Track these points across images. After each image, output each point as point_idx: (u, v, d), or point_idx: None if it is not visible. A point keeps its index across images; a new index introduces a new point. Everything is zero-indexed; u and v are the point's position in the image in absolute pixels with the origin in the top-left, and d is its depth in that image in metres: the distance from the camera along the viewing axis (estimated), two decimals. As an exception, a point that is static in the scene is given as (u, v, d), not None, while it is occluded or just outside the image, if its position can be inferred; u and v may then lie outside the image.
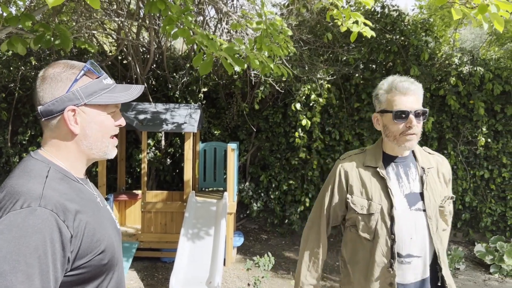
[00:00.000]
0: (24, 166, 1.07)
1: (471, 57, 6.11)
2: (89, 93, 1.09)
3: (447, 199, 1.74)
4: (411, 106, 1.63)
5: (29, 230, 0.93)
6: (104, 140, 1.15)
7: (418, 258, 1.66)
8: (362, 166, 1.77)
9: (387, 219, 1.66)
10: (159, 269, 5.01)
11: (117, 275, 1.16)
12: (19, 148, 6.62)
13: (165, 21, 2.68)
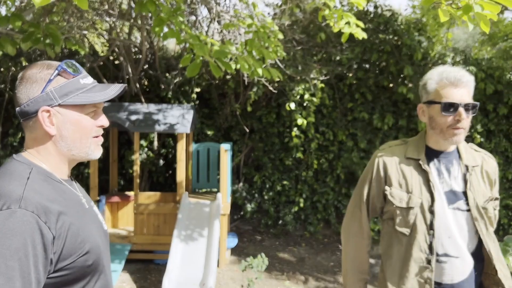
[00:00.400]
0: (6, 168, 1.06)
1: (463, 56, 6.14)
2: (64, 93, 1.07)
3: (490, 200, 1.64)
4: (461, 99, 1.55)
5: (8, 232, 0.91)
6: (84, 141, 1.12)
7: (455, 259, 1.59)
8: (403, 157, 1.69)
9: (427, 214, 1.60)
10: (152, 271, 4.97)
11: (103, 277, 1.14)
12: (9, 150, 6.55)
13: (155, 22, 2.65)
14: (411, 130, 6.26)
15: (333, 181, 6.36)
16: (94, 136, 1.14)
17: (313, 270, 5.17)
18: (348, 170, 6.25)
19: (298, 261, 5.45)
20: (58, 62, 1.11)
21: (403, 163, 1.68)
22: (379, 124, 6.14)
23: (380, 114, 6.20)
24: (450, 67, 1.62)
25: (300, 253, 5.74)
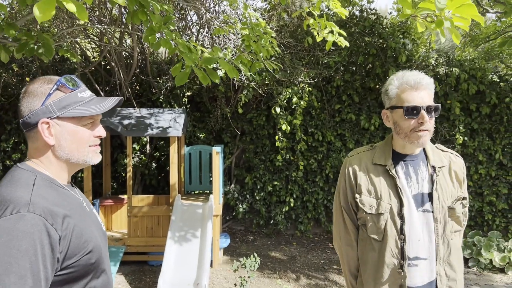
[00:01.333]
0: (12, 176, 1.15)
1: (447, 58, 6.31)
2: (62, 106, 1.17)
3: (458, 199, 1.65)
4: (423, 101, 1.56)
5: (19, 234, 1.00)
6: (81, 150, 1.21)
7: (425, 261, 1.61)
8: (371, 164, 1.70)
9: (397, 219, 1.61)
10: (147, 272, 5.06)
11: (105, 273, 1.25)
12: (2, 155, 6.59)
13: (147, 31, 2.75)
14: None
15: (322, 180, 6.50)
16: (91, 145, 1.24)
17: (304, 268, 5.30)
18: (337, 170, 6.39)
19: (289, 259, 5.58)
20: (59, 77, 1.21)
21: (371, 170, 1.69)
22: (366, 125, 6.30)
23: (367, 115, 6.36)
24: (409, 72, 1.64)
25: (291, 252, 5.88)
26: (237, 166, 6.83)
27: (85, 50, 6.87)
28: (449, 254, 1.64)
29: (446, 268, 1.62)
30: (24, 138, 6.66)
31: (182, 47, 2.39)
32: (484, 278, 5.06)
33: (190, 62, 2.29)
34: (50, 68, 6.41)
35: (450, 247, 1.64)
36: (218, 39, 4.99)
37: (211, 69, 2.41)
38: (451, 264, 1.64)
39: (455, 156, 1.74)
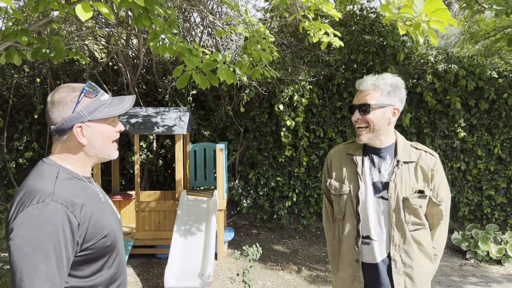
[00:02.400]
0: (38, 170, 1.34)
1: (445, 55, 6.43)
2: (91, 110, 1.36)
3: (415, 192, 1.76)
4: (359, 101, 1.78)
5: (45, 220, 1.19)
6: (108, 146, 1.42)
7: (375, 242, 1.77)
8: (345, 154, 1.91)
9: (353, 200, 1.80)
10: (154, 264, 5.27)
11: (119, 256, 1.44)
12: (15, 153, 6.83)
13: (151, 35, 2.93)
14: (397, 127, 6.56)
15: (325, 176, 6.66)
16: (114, 141, 1.44)
17: (306, 260, 5.48)
18: (338, 166, 6.54)
19: (292, 252, 5.76)
20: (81, 84, 1.39)
21: (343, 159, 1.91)
22: (366, 121, 6.44)
23: (367, 112, 6.50)
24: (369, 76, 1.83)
25: (294, 245, 6.06)
26: (241, 162, 7.01)
27: (93, 51, 7.08)
28: (405, 242, 1.76)
29: (402, 255, 1.75)
30: (36, 137, 6.91)
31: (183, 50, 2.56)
32: (481, 270, 5.20)
33: (191, 66, 2.46)
34: (60, 69, 6.63)
35: (408, 237, 1.76)
36: (220, 40, 5.17)
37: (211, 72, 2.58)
38: (407, 252, 1.76)
39: (427, 154, 1.84)
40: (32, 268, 1.15)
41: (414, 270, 1.76)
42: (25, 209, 1.19)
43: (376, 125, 1.76)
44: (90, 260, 1.32)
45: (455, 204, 6.59)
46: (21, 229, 1.17)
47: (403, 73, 6.19)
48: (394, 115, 1.80)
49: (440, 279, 4.87)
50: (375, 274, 1.78)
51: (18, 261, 1.16)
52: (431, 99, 6.19)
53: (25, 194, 1.24)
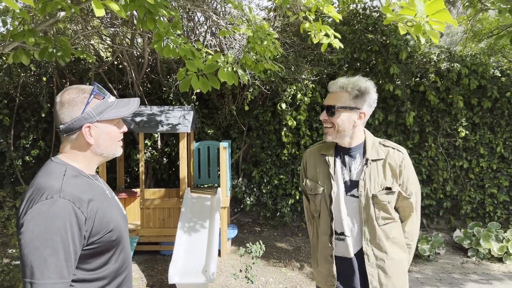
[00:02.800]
0: (46, 168, 1.40)
1: (448, 54, 6.45)
2: (99, 111, 1.42)
3: (383, 189, 1.83)
4: (327, 103, 1.87)
5: (53, 215, 1.25)
6: (113, 145, 1.49)
7: (348, 238, 1.87)
8: (318, 154, 2.00)
9: (327, 199, 1.90)
10: (159, 261, 5.35)
11: (124, 250, 1.51)
12: (21, 151, 6.93)
13: (155, 36, 2.99)
14: (400, 125, 6.61)
15: (327, 174, 6.71)
16: (119, 140, 1.51)
17: (308, 257, 5.54)
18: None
19: (294, 249, 5.83)
20: (89, 86, 1.46)
21: (317, 159, 2.00)
22: (369, 120, 6.48)
23: (370, 110, 6.54)
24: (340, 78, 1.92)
25: (297, 242, 6.12)
26: (245, 160, 7.08)
27: (99, 50, 7.16)
28: (376, 237, 1.85)
29: (374, 249, 1.85)
30: (42, 135, 7.00)
31: (187, 53, 2.62)
32: (482, 267, 5.24)
33: (193, 69, 2.52)
34: (66, 68, 6.72)
35: (378, 231, 1.85)
36: (224, 39, 5.22)
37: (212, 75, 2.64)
38: (379, 246, 1.85)
39: (395, 150, 1.91)
40: (42, 261, 1.22)
41: (386, 263, 1.85)
42: (35, 205, 1.26)
43: (340, 127, 1.84)
44: (96, 253, 1.38)
45: (458, 202, 6.62)
46: (31, 224, 1.24)
47: (405, 71, 6.22)
48: (360, 118, 1.86)
49: (442, 276, 4.92)
50: (350, 268, 1.88)
51: (29, 254, 1.22)
52: (434, 98, 6.22)
53: (34, 191, 1.30)
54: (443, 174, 6.53)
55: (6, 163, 6.90)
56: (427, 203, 6.60)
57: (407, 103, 6.24)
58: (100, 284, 1.40)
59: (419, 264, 5.32)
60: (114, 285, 1.45)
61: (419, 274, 4.98)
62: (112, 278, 1.44)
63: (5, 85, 6.78)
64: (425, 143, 6.59)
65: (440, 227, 6.79)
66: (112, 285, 1.44)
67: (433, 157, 6.61)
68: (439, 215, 6.70)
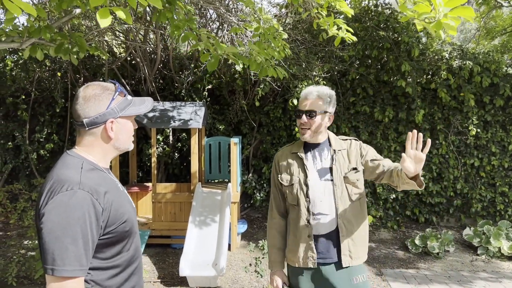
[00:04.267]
0: (64, 161, 1.46)
1: (460, 51, 6.41)
2: (122, 108, 1.50)
3: (350, 170, 2.21)
4: (305, 108, 2.19)
5: (73, 206, 1.32)
6: (129, 140, 1.57)
7: (326, 216, 2.16)
8: (290, 153, 2.32)
9: (303, 187, 2.21)
10: (170, 254, 5.44)
11: (135, 241, 1.58)
12: (36, 145, 7.07)
13: (172, 27, 3.04)
14: (410, 122, 6.60)
15: (337, 171, 6.73)
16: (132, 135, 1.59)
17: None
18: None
19: (303, 245, 5.86)
20: (109, 83, 1.52)
21: (289, 157, 2.31)
22: (380, 117, 6.49)
23: (381, 108, 6.55)
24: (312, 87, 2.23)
25: (306, 238, 6.15)
26: (255, 156, 7.13)
27: (112, 46, 7.25)
28: (347, 212, 2.18)
29: (345, 222, 2.17)
30: (56, 130, 7.14)
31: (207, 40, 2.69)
32: (492, 266, 5.23)
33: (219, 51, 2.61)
34: (80, 64, 6.82)
35: (349, 206, 2.19)
36: (236, 36, 5.27)
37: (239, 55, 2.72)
38: (349, 220, 2.18)
39: (351, 141, 2.31)
40: (63, 249, 1.29)
41: (354, 234, 2.19)
42: (55, 196, 1.32)
43: (317, 128, 2.20)
44: (111, 243, 1.45)
45: (468, 200, 6.60)
46: (52, 214, 1.30)
47: (417, 69, 6.21)
48: (329, 120, 2.24)
49: (450, 273, 4.93)
50: (328, 242, 2.17)
51: (50, 243, 1.29)
52: (445, 95, 6.20)
53: (54, 183, 1.37)
54: (454, 172, 6.51)
55: (22, 156, 7.05)
56: (437, 201, 6.60)
57: (418, 101, 6.23)
58: (114, 272, 1.47)
59: (428, 261, 5.33)
60: (127, 273, 1.52)
61: (428, 271, 5.00)
62: (125, 266, 1.51)
63: (21, 80, 6.92)
64: (436, 141, 6.58)
65: (449, 225, 6.78)
66: (125, 273, 1.51)
67: (444, 155, 6.59)
68: (449, 213, 6.69)
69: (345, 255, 2.15)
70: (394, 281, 4.67)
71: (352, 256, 2.16)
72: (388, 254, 5.57)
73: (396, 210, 6.73)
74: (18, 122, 7.09)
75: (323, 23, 3.21)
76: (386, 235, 6.35)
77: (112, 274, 1.46)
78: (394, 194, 6.63)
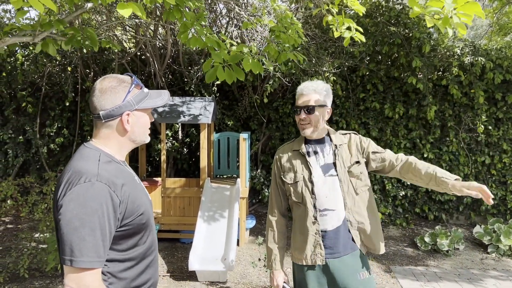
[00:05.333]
0: (81, 154, 1.46)
1: (472, 47, 6.34)
2: (138, 100, 1.50)
3: (353, 164, 2.21)
4: (302, 104, 2.18)
5: (91, 197, 1.32)
6: (145, 133, 1.57)
7: (332, 211, 2.15)
8: (291, 150, 2.32)
9: (308, 184, 2.19)
10: (179, 249, 5.46)
11: (152, 233, 1.57)
12: (47, 139, 7.13)
13: (181, 27, 3.04)
14: (421, 119, 6.55)
15: (346, 167, 6.71)
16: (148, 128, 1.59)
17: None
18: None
19: (312, 241, 5.85)
20: (127, 76, 1.52)
21: (291, 154, 2.31)
22: (390, 113, 6.45)
23: (391, 104, 6.51)
24: (306, 82, 2.24)
25: (314, 234, 6.15)
26: (263, 152, 7.12)
27: (122, 41, 7.27)
28: (355, 204, 2.18)
29: (355, 215, 2.17)
30: (67, 124, 7.18)
31: (212, 43, 2.66)
32: (502, 264, 5.19)
33: (218, 60, 2.57)
34: (90, 59, 6.86)
35: (357, 199, 2.19)
36: (246, 31, 5.25)
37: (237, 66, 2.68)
38: (358, 212, 2.18)
39: (352, 134, 2.31)
40: (81, 240, 1.29)
41: (365, 225, 2.18)
42: (73, 187, 1.33)
43: (317, 122, 2.18)
44: (128, 235, 1.45)
45: (478, 198, 6.53)
46: (70, 205, 1.31)
47: (428, 65, 6.15)
48: (328, 113, 2.23)
49: (460, 271, 4.90)
50: (336, 237, 2.16)
51: (68, 234, 1.30)
52: (456, 92, 6.13)
53: (72, 174, 1.37)
54: (464, 170, 6.46)
55: (32, 150, 7.11)
56: (446, 198, 6.55)
57: (429, 97, 6.17)
58: (130, 264, 1.47)
59: (437, 259, 5.30)
60: (142, 265, 1.52)
61: (437, 269, 4.97)
62: (141, 259, 1.51)
63: (31, 74, 6.96)
64: (446, 138, 6.52)
65: (459, 222, 6.74)
66: (141, 266, 1.51)
67: (454, 152, 6.54)
68: (459, 211, 6.64)
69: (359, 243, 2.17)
70: (403, 278, 4.65)
71: (366, 245, 2.19)
72: (397, 251, 5.55)
73: (405, 207, 6.69)
74: (28, 116, 7.15)
75: (333, 21, 3.18)
76: (395, 232, 6.32)
77: (128, 266, 1.46)
78: (404, 191, 6.59)
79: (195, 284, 4.42)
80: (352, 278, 2.14)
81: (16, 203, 5.05)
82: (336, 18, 2.97)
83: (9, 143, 7.16)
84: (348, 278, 2.14)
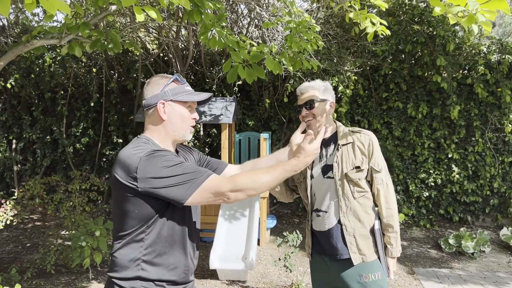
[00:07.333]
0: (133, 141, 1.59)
1: (499, 45, 6.18)
2: (175, 93, 1.60)
3: (354, 168, 2.13)
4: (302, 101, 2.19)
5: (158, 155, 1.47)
6: (184, 126, 1.65)
7: (325, 213, 2.19)
8: None
9: (308, 185, 2.25)
10: (200, 247, 5.51)
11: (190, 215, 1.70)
12: (73, 139, 7.31)
13: (201, 28, 3.08)
14: (445, 119, 6.42)
15: (368, 168, 6.64)
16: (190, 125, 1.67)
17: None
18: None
19: (333, 242, 5.82)
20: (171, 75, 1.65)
21: None
22: (413, 113, 6.35)
23: (414, 103, 6.40)
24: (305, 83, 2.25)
25: (336, 235, 6.11)
26: (285, 152, 7.10)
27: (145, 43, 7.40)
28: (351, 209, 2.15)
29: (350, 219, 2.15)
30: (92, 123, 7.36)
31: (232, 44, 2.69)
32: (530, 267, 5.04)
33: (238, 60, 2.59)
34: (114, 60, 7.00)
35: (353, 204, 2.15)
36: (267, 31, 5.27)
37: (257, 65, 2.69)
38: (354, 218, 2.16)
39: (362, 134, 2.20)
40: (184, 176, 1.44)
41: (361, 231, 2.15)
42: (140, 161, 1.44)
43: (320, 116, 2.16)
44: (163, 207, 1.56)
45: (505, 200, 6.37)
46: (148, 169, 1.43)
47: (453, 64, 6.03)
48: (331, 107, 2.21)
49: (486, 274, 4.78)
50: (327, 239, 2.18)
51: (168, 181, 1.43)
52: (482, 91, 5.99)
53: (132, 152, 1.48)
54: (491, 170, 6.30)
55: (59, 150, 7.31)
56: (472, 200, 6.40)
57: (453, 96, 6.05)
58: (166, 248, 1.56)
59: (462, 261, 5.19)
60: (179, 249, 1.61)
61: (462, 271, 4.87)
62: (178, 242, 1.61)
63: (59, 76, 7.16)
64: (472, 138, 6.38)
65: (485, 224, 6.57)
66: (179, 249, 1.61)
67: (480, 153, 6.38)
68: (485, 212, 6.48)
69: (353, 252, 2.12)
70: (426, 280, 4.58)
71: (361, 253, 2.13)
72: (420, 253, 5.45)
73: (429, 209, 6.57)
74: (55, 117, 7.35)
75: (355, 16, 3.16)
76: (418, 234, 6.22)
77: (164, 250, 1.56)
78: (427, 192, 6.48)
79: (216, 283, 4.46)
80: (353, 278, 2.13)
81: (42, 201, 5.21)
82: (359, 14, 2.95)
83: (38, 142, 7.38)
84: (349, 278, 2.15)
